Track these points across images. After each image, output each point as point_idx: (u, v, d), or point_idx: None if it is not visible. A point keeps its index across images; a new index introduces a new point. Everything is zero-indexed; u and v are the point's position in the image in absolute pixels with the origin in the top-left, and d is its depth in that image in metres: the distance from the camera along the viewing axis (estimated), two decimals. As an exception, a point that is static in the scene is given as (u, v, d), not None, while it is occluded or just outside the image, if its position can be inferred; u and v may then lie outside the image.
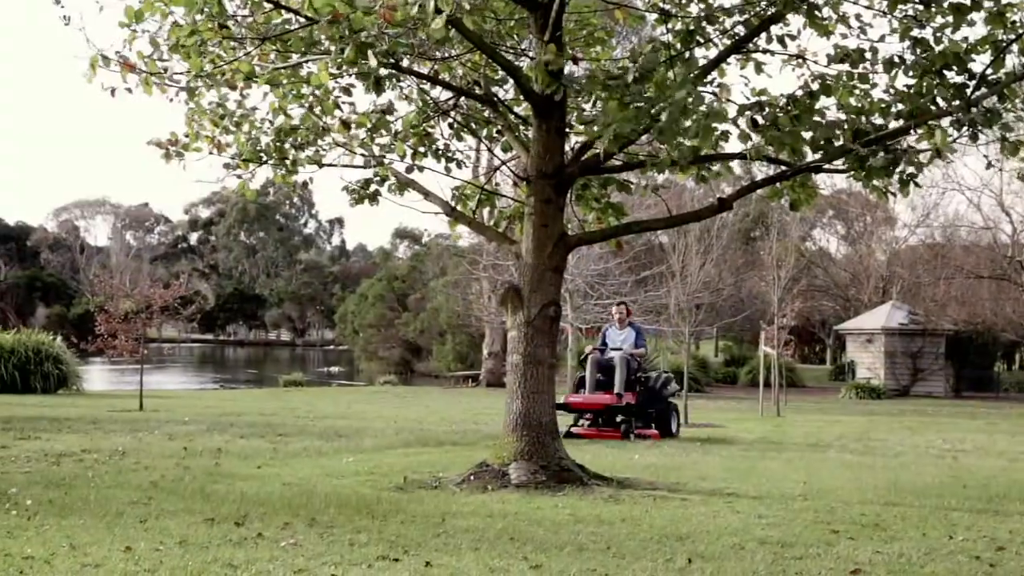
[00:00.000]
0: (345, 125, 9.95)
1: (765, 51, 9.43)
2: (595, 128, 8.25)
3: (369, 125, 10.10)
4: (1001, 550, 6.59)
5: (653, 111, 7.80)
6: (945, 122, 8.73)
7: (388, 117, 10.15)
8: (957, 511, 8.17)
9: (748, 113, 8.77)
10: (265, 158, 10.21)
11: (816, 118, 8.82)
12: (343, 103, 9.88)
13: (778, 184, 9.78)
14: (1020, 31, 8.62)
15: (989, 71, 8.75)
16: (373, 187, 10.52)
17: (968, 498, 8.93)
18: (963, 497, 8.98)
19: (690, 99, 7.77)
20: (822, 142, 8.72)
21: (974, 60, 8.73)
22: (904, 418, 23.92)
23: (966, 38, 8.77)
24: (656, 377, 16.13)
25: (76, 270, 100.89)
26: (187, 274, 61.88)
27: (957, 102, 8.61)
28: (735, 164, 10.06)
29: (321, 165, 10.30)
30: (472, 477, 9.02)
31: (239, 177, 10.42)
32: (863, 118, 8.93)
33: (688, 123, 7.84)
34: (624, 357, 15.48)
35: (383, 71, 8.14)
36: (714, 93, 9.10)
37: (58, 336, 28.14)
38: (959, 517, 7.86)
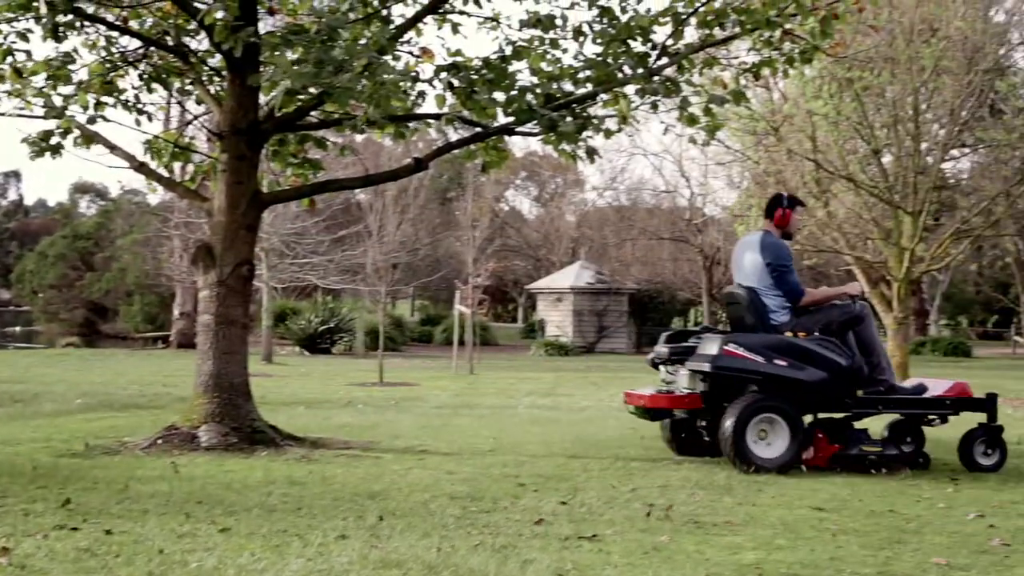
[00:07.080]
0: (17, 72, 9.28)
1: (461, 12, 9.54)
2: (267, 83, 8.08)
3: (48, 73, 9.49)
4: (665, 487, 6.97)
5: (335, 70, 7.70)
6: (630, 90, 9.11)
7: (71, 66, 9.57)
8: (635, 461, 8.59)
9: (444, 75, 8.85)
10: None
11: (509, 82, 9.00)
12: (18, 50, 9.25)
13: (472, 146, 9.94)
14: (698, 4, 9.10)
15: (670, 41, 9.21)
16: (55, 139, 9.82)
17: (646, 448, 9.40)
18: (641, 448, 9.46)
19: (373, 63, 7.72)
20: (514, 106, 8.90)
21: (655, 32, 9.15)
22: (589, 374, 24.87)
23: (649, 9, 9.19)
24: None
25: None
26: None
27: (641, 71, 9.01)
28: (434, 124, 10.13)
29: (-7, 115, 9.61)
30: (160, 441, 8.74)
31: None
32: (554, 83, 9.18)
33: (366, 85, 7.78)
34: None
35: (61, 18, 7.67)
36: (411, 53, 9.14)
37: None
38: (637, 467, 8.27)
